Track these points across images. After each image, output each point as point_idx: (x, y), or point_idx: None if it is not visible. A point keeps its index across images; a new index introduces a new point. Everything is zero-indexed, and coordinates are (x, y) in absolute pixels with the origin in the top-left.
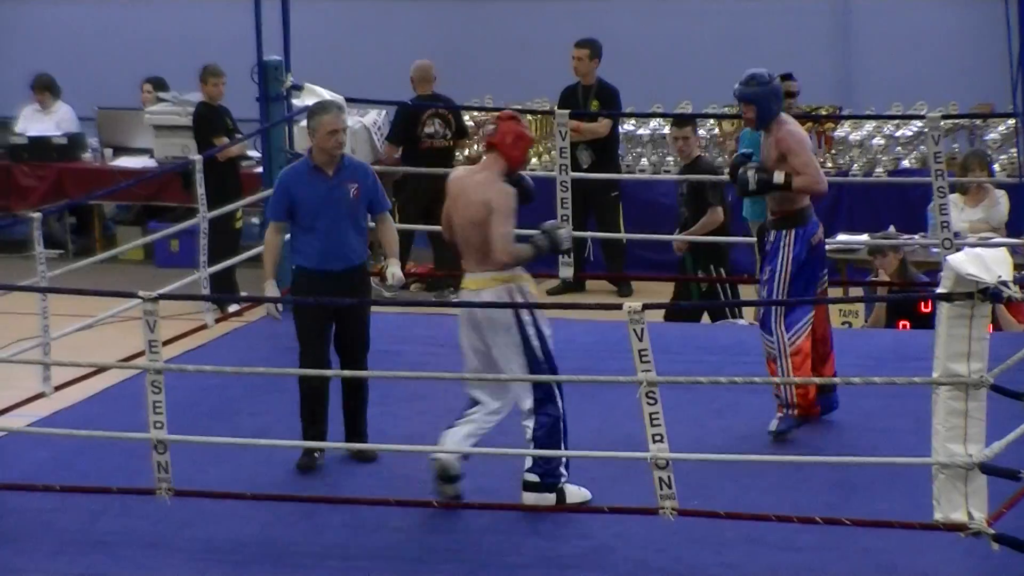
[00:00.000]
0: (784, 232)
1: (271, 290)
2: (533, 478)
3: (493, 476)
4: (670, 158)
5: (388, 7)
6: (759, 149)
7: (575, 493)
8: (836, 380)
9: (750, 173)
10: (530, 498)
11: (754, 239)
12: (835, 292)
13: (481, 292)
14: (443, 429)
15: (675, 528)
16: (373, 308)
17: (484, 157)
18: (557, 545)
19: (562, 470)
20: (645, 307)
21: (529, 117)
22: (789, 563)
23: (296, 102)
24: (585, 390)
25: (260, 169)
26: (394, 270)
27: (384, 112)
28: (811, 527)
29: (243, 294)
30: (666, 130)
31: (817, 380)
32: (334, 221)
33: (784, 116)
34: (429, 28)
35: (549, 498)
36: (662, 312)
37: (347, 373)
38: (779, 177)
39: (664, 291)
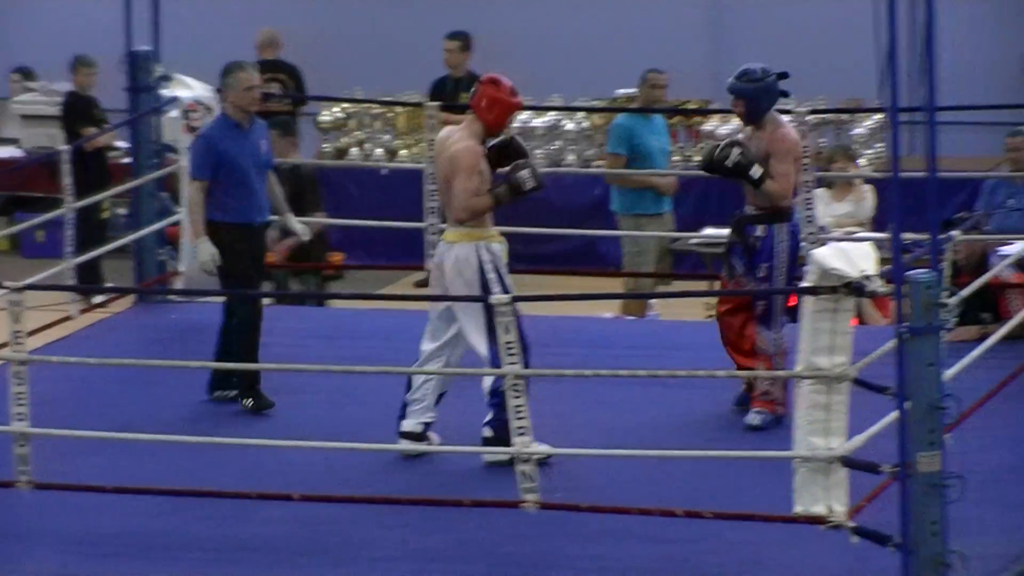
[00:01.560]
0: (776, 227)
1: (207, 247)
2: (489, 433)
3: (360, 468)
4: (539, 151)
5: None
6: (627, 143)
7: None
8: (700, 373)
9: (735, 150)
10: (489, 455)
11: (616, 232)
12: (701, 285)
13: (453, 246)
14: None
15: (541, 521)
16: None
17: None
18: (422, 538)
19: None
20: (512, 299)
21: (398, 109)
22: (655, 555)
23: (165, 92)
24: (453, 383)
25: (128, 160)
26: (297, 223)
27: None
28: (677, 520)
29: (109, 284)
30: (535, 122)
31: (683, 373)
32: (256, 175)
33: (781, 118)
34: (300, 19)
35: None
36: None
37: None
38: (756, 172)
39: (534, 284)
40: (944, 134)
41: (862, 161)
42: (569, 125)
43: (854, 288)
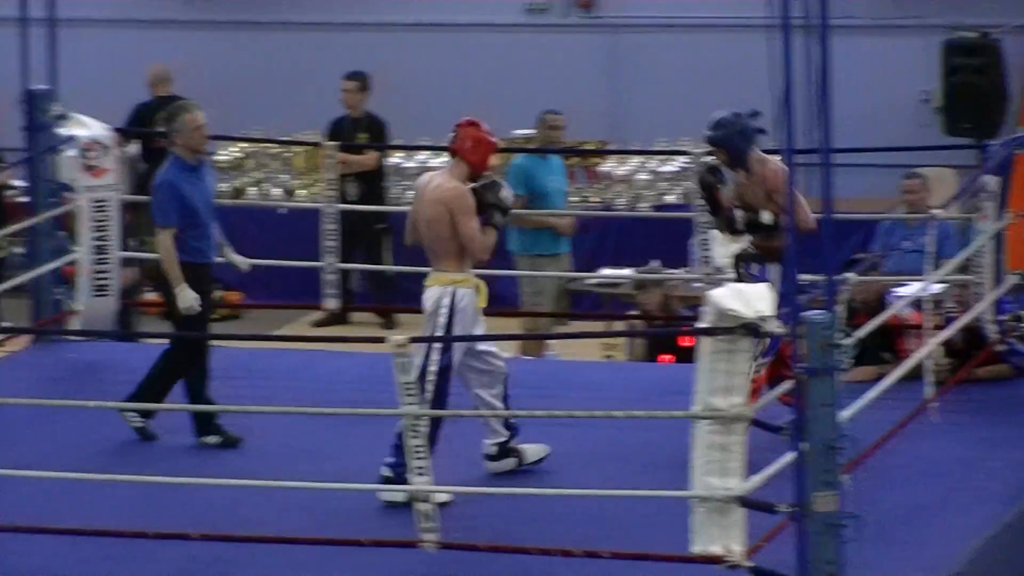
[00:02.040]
0: (769, 267)
1: (189, 293)
2: (491, 450)
3: (258, 506)
4: None
5: (158, 36)
6: (524, 184)
7: (534, 450)
8: (598, 413)
9: (738, 214)
10: (493, 467)
11: (515, 272)
12: (597, 326)
13: (428, 289)
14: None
15: (439, 561)
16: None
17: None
18: None
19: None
20: (411, 340)
21: (296, 149)
22: None
23: (62, 131)
24: (350, 423)
25: (25, 198)
26: (237, 257)
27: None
28: (576, 560)
29: (5, 324)
30: (433, 163)
31: (581, 413)
32: (209, 215)
33: (764, 155)
34: (199, 58)
35: (510, 462)
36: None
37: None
38: (768, 217)
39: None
40: (840, 176)
41: None
42: (435, 163)
43: (750, 329)
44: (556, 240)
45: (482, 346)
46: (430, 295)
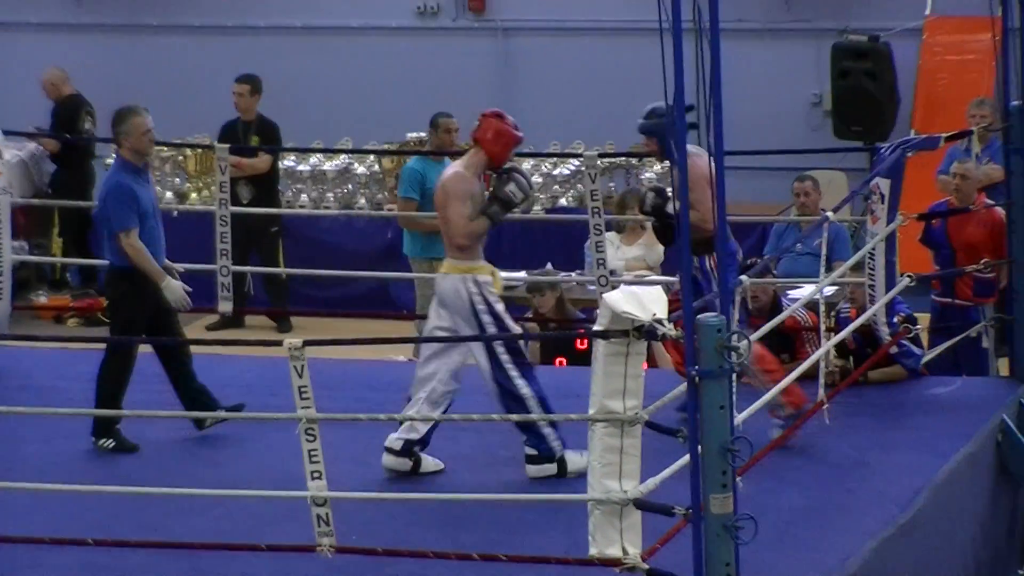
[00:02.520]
0: (707, 257)
1: (176, 285)
2: (532, 451)
3: (157, 512)
4: (330, 194)
5: (48, 39)
6: (418, 187)
7: (576, 460)
8: (495, 417)
9: (649, 194)
10: (532, 470)
11: (409, 274)
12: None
13: (446, 278)
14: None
15: (336, 566)
16: (34, 344)
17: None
18: None
19: (555, 442)
20: (306, 343)
21: (188, 152)
22: None
23: None
24: (245, 428)
25: None
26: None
27: (40, 147)
28: (472, 565)
29: None
30: (325, 166)
31: (477, 417)
32: (157, 217)
33: (694, 148)
34: (90, 61)
35: (550, 468)
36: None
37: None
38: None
39: (326, 328)
40: (732, 180)
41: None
42: (360, 168)
43: (645, 332)
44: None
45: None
46: (448, 285)
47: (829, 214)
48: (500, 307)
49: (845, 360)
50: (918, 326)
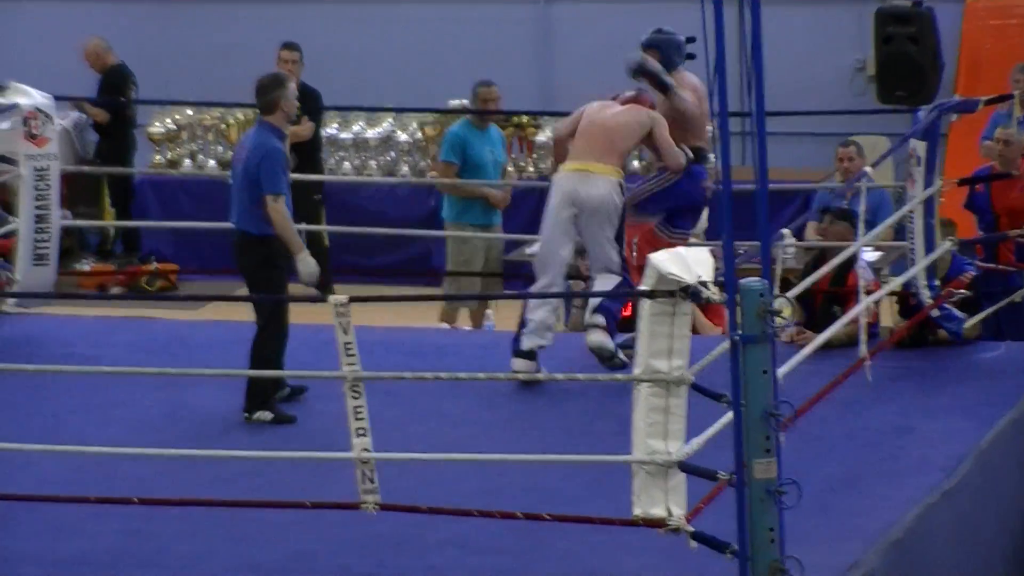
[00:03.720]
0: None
1: (311, 261)
2: (600, 320)
3: (200, 484)
4: (372, 162)
5: (88, 9)
6: (459, 152)
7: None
8: (540, 376)
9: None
10: (597, 336)
11: (442, 232)
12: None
13: (598, 180)
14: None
15: (378, 532)
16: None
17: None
18: (256, 552)
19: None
20: (352, 299)
21: (231, 120)
22: (491, 566)
23: (1, 100)
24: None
25: None
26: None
27: (84, 116)
28: (514, 530)
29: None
30: (368, 134)
31: (523, 376)
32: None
33: (687, 77)
34: (129, 32)
35: (606, 337)
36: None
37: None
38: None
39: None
40: (775, 146)
41: None
42: (402, 136)
43: (691, 293)
44: (488, 211)
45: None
46: (602, 188)
47: (868, 169)
48: None
49: (906, 320)
50: (964, 291)
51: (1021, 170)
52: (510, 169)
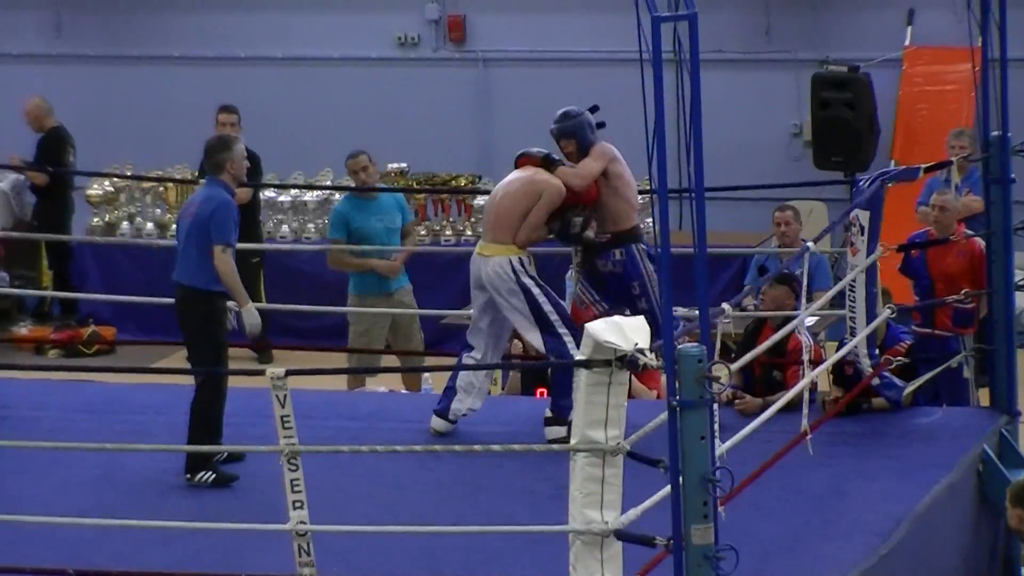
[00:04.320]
0: (633, 247)
1: (255, 312)
2: (549, 413)
3: (139, 545)
4: (311, 225)
5: (27, 71)
6: (343, 228)
7: None
8: (477, 447)
9: (576, 220)
10: (550, 432)
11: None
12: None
13: (489, 259)
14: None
15: None
16: (11, 374)
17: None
18: None
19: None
20: (288, 373)
21: (170, 184)
22: None
23: None
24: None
25: None
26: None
27: (22, 177)
28: None
29: None
30: (306, 197)
31: (460, 448)
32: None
33: (602, 148)
34: (70, 92)
35: (561, 431)
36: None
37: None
38: (576, 226)
39: (306, 359)
40: (711, 208)
41: None
42: (308, 197)
43: (628, 362)
44: (383, 280)
45: None
46: (492, 265)
47: (810, 244)
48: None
49: (843, 389)
50: (903, 358)
51: (957, 235)
52: (448, 233)
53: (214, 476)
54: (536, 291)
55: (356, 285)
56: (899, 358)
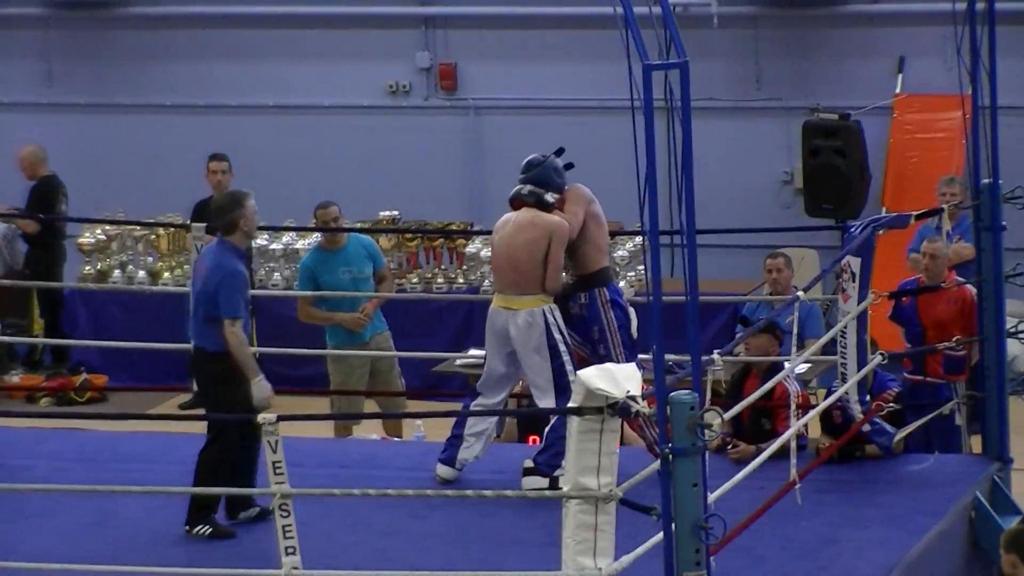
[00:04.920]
0: (596, 291)
1: (266, 386)
2: (530, 464)
3: None
4: (276, 274)
5: (17, 119)
6: (310, 282)
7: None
8: (468, 493)
9: (527, 186)
10: (528, 482)
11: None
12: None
13: (519, 312)
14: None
15: None
16: (3, 422)
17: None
18: None
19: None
20: (279, 419)
21: (160, 231)
22: None
23: None
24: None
25: None
26: None
27: (13, 226)
28: None
29: None
30: (298, 244)
31: (452, 493)
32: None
33: (576, 189)
34: (59, 142)
35: (543, 482)
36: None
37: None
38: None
39: (298, 405)
40: (702, 256)
41: (623, 284)
42: (300, 244)
43: (619, 409)
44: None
45: None
46: (525, 317)
47: (800, 293)
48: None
49: (831, 437)
50: (892, 404)
51: (948, 282)
52: (439, 281)
53: (211, 530)
54: (563, 350)
55: (332, 336)
56: (890, 404)
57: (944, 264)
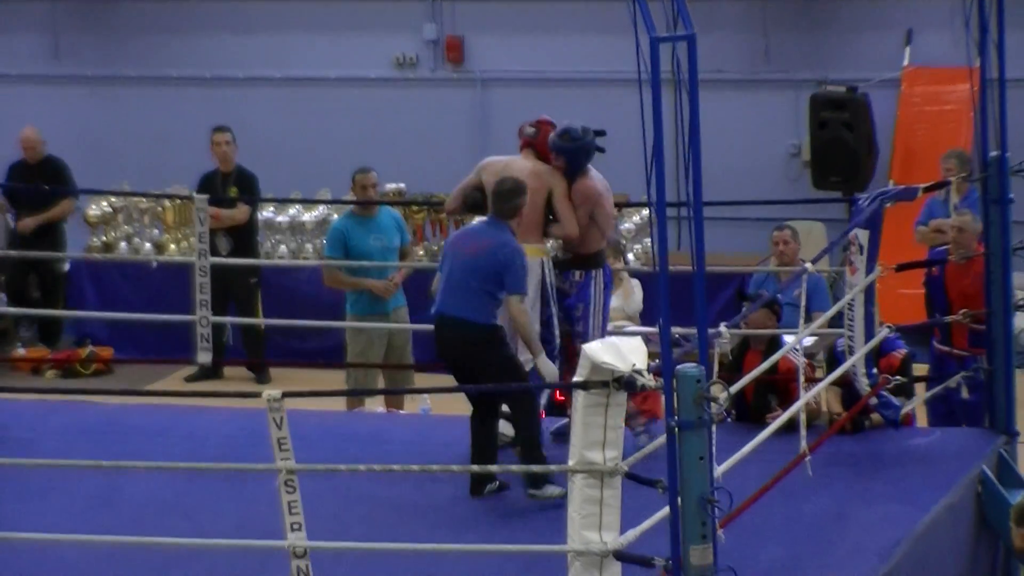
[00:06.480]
0: (593, 272)
1: (551, 365)
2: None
3: (136, 570)
4: (308, 245)
5: (23, 92)
6: (341, 246)
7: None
8: (474, 468)
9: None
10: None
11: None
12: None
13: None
14: None
15: None
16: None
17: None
18: None
19: None
20: (284, 395)
21: (167, 203)
22: None
23: None
24: (223, 479)
25: None
26: None
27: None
28: None
29: None
30: (304, 217)
31: (457, 468)
32: None
33: (591, 171)
34: (65, 115)
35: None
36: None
37: None
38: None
39: (303, 378)
40: (709, 229)
41: (631, 256)
42: (306, 217)
43: (625, 383)
44: (378, 299)
45: None
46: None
47: (808, 265)
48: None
49: (845, 408)
50: (897, 378)
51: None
52: (420, 253)
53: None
54: (552, 305)
55: (353, 305)
56: (896, 378)
57: (972, 237)
